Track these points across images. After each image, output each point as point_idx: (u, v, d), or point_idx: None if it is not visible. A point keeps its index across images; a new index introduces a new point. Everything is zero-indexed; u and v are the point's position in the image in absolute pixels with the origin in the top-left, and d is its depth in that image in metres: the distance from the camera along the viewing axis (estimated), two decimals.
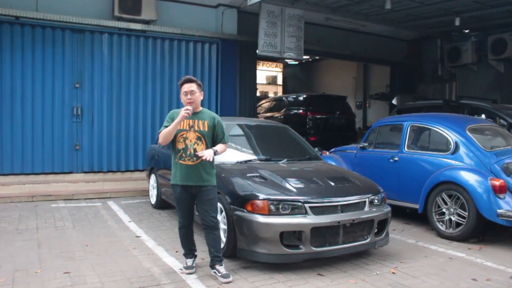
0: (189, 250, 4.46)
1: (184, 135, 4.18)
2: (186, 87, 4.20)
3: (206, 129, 4.24)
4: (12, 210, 7.07)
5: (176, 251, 5.00)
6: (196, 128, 4.20)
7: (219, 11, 10.38)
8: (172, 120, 4.16)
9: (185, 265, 4.42)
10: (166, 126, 4.16)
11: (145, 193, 8.28)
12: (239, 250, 4.50)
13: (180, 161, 4.19)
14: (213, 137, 4.31)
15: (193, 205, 4.37)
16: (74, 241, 5.38)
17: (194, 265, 4.44)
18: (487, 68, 12.50)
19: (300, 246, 4.32)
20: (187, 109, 4.06)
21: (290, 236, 4.34)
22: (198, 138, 4.20)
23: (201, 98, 4.31)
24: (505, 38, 11.53)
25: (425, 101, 10.91)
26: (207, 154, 4.08)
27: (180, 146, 4.18)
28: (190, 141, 4.17)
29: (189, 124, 4.18)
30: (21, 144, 8.37)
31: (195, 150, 4.16)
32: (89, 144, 8.96)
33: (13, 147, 8.31)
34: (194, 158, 4.15)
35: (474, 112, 9.21)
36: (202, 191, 4.22)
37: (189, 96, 4.18)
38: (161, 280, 4.15)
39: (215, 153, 4.18)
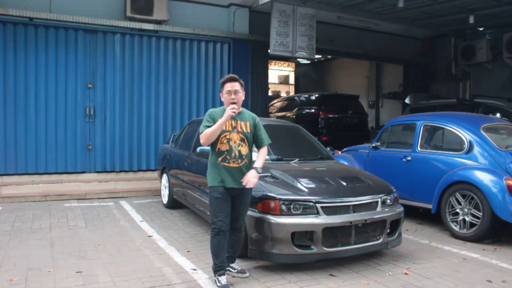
0: (222, 263, 3.99)
1: (228, 136, 3.98)
2: (230, 86, 4.00)
3: (249, 130, 4.07)
4: (26, 209, 7.15)
5: (188, 251, 5.02)
6: (239, 129, 4.02)
7: (230, 11, 10.38)
8: (213, 119, 3.96)
9: (219, 284, 3.91)
10: (208, 126, 3.92)
11: (157, 192, 8.32)
12: (250, 250, 4.48)
13: (224, 163, 3.96)
14: (254, 138, 4.14)
15: None
16: (87, 241, 5.42)
17: (228, 283, 3.99)
18: (502, 66, 12.29)
19: (312, 247, 4.29)
20: (234, 108, 3.86)
21: (301, 236, 4.31)
22: (242, 140, 4.01)
23: (243, 98, 4.10)
24: None
25: (439, 100, 10.78)
26: (251, 182, 3.88)
27: (224, 147, 3.97)
28: (234, 142, 3.98)
29: (231, 124, 3.99)
30: (35, 144, 8.46)
31: (239, 152, 3.99)
32: (101, 144, 9.03)
33: (27, 147, 8.40)
34: (239, 160, 3.99)
35: (489, 111, 9.08)
36: (243, 193, 4.06)
37: (232, 96, 3.96)
38: (173, 279, 4.15)
39: (259, 172, 3.98)
